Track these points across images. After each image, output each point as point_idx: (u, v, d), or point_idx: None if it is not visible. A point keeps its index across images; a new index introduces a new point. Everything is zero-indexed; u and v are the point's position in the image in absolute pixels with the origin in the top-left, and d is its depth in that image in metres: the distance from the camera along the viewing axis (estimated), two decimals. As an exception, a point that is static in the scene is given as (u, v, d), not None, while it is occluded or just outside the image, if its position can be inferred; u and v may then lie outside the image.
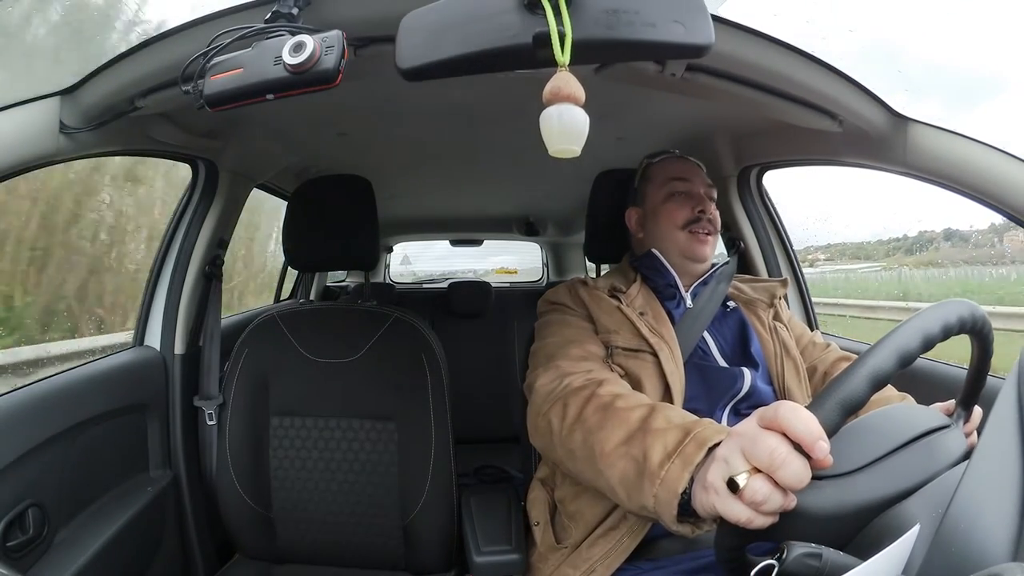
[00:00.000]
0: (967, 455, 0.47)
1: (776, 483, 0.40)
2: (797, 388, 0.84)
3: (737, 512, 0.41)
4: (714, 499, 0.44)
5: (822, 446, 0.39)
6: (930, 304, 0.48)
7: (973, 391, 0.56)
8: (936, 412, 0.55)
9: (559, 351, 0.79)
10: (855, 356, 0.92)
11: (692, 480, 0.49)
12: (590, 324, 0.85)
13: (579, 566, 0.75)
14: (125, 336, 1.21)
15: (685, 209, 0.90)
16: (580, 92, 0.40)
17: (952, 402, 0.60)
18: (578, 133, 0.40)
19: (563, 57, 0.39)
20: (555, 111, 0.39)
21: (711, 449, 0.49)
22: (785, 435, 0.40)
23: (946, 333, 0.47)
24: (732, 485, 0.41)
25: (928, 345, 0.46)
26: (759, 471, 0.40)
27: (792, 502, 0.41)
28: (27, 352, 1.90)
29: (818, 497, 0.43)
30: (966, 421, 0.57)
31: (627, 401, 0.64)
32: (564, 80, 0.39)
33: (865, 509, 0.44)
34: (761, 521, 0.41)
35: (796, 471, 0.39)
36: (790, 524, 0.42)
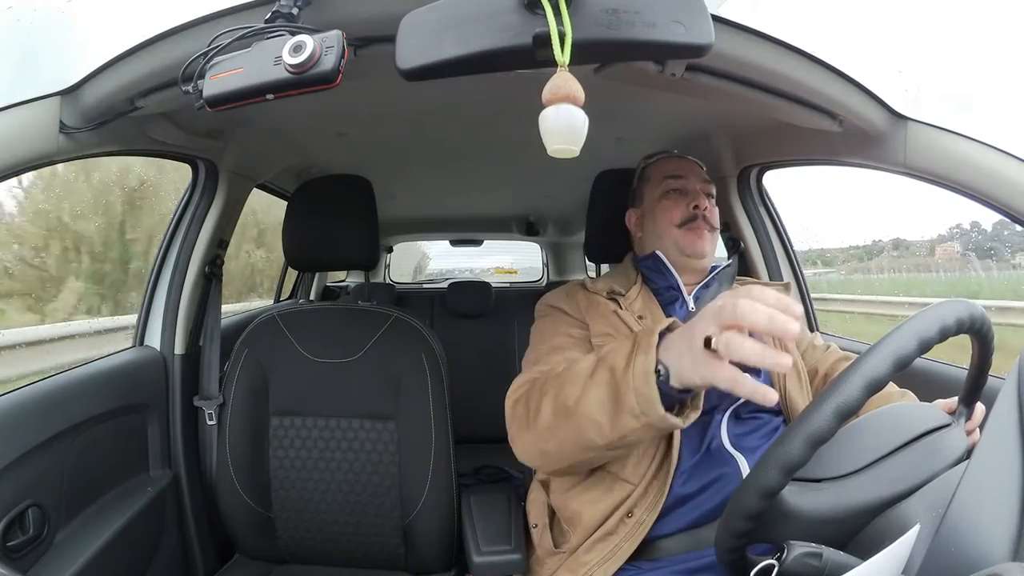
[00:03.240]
0: (968, 453, 0.47)
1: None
2: (798, 393, 0.83)
3: (720, 369, 0.44)
4: (699, 367, 0.46)
5: (796, 308, 0.44)
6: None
7: (974, 389, 0.56)
8: (937, 410, 0.55)
9: (543, 358, 0.81)
10: (855, 355, 0.92)
11: (660, 365, 0.52)
12: (582, 331, 0.85)
13: (576, 571, 0.74)
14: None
15: (680, 206, 0.90)
16: (579, 92, 0.40)
17: (955, 399, 0.60)
18: (577, 133, 0.40)
19: (563, 57, 0.39)
20: (554, 111, 0.40)
21: (662, 335, 0.54)
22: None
23: (943, 335, 0.47)
24: (708, 343, 0.44)
25: (925, 348, 0.45)
26: (730, 329, 0.43)
27: (770, 356, 0.42)
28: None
29: (817, 499, 0.43)
30: (968, 419, 0.57)
31: (577, 359, 0.68)
32: (563, 80, 0.40)
33: (865, 511, 0.44)
34: (746, 384, 0.43)
35: (765, 312, 0.42)
36: (790, 525, 0.42)
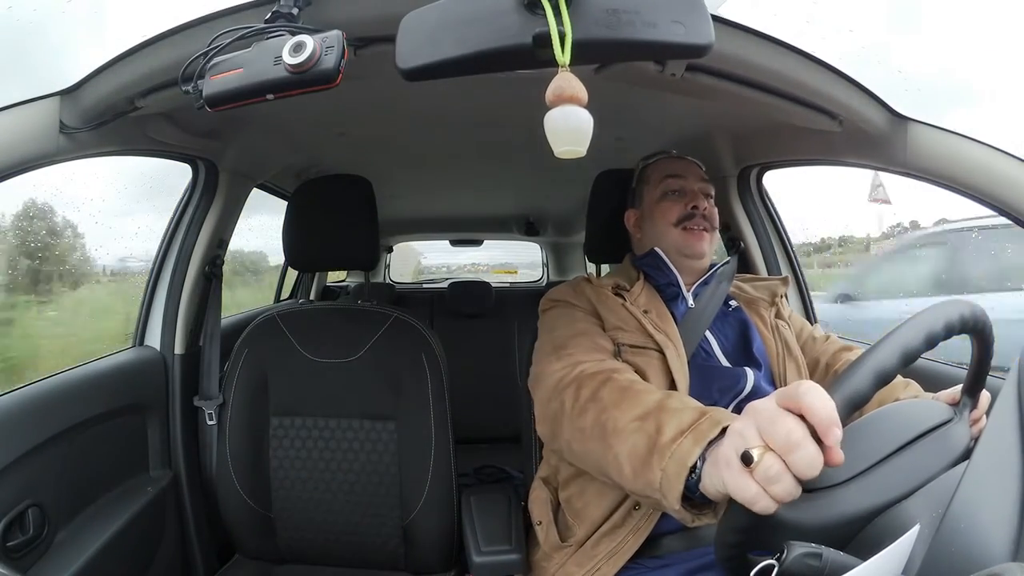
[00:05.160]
0: (971, 448, 0.47)
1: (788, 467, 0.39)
2: None
3: (745, 487, 0.40)
4: (724, 472, 0.42)
5: (836, 433, 0.38)
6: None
7: (976, 384, 0.56)
8: (936, 406, 0.55)
9: (570, 342, 0.78)
10: (855, 346, 0.92)
11: (703, 458, 0.48)
12: (597, 320, 0.85)
13: (584, 564, 0.75)
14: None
15: (679, 206, 0.90)
16: (583, 93, 0.40)
17: (958, 388, 0.59)
18: (582, 134, 0.40)
19: (563, 57, 0.39)
20: (559, 113, 0.39)
21: (724, 430, 0.48)
22: (803, 417, 0.39)
23: (948, 331, 0.47)
24: (746, 459, 0.40)
25: (931, 343, 0.45)
26: (772, 450, 0.39)
27: (798, 493, 0.39)
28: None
29: (809, 511, 0.43)
30: (973, 407, 0.57)
31: (644, 386, 0.64)
32: (566, 81, 0.39)
33: (859, 519, 0.43)
34: (766, 503, 0.39)
35: (810, 456, 0.38)
36: (783, 535, 0.41)
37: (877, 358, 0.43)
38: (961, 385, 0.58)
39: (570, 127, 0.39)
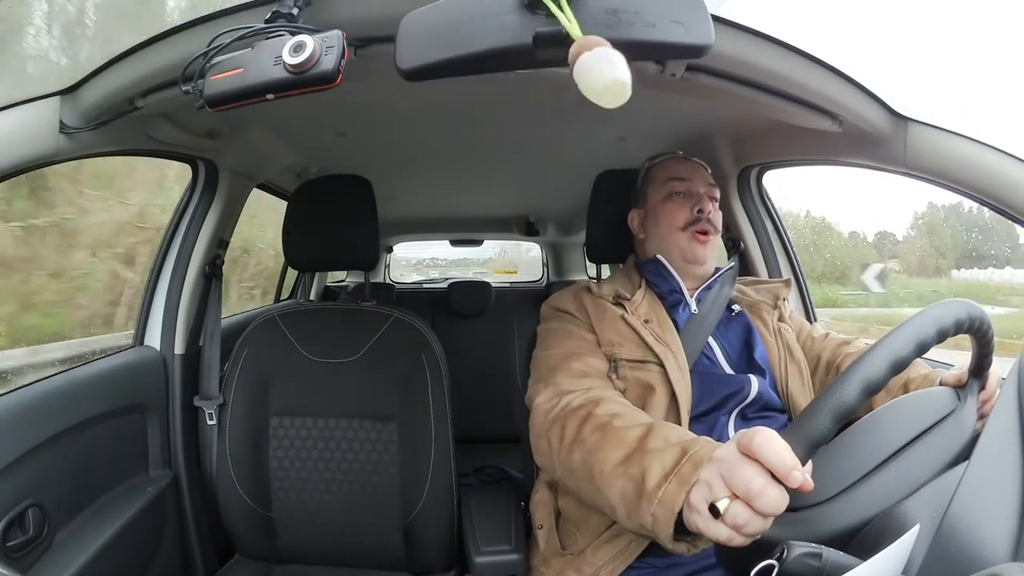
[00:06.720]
0: (979, 429, 0.46)
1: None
2: (800, 393, 0.83)
3: (717, 532, 0.43)
4: (696, 519, 0.46)
5: (796, 476, 0.40)
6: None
7: (980, 369, 0.56)
8: (939, 397, 0.54)
9: (560, 364, 0.79)
10: (853, 339, 0.92)
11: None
12: (593, 335, 0.84)
13: (584, 570, 0.75)
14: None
15: (684, 209, 0.90)
16: (606, 42, 0.38)
17: (965, 369, 0.59)
18: (622, 66, 0.37)
19: (577, 30, 0.39)
20: (590, 56, 0.37)
21: None
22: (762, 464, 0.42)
23: (920, 350, 0.46)
24: (714, 511, 0.43)
25: (898, 368, 0.45)
26: (738, 498, 0.42)
27: (768, 525, 0.42)
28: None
29: (796, 531, 0.43)
30: (981, 389, 0.57)
31: (624, 420, 0.64)
32: (586, 38, 0.38)
33: (850, 531, 0.44)
34: (741, 540, 0.43)
35: (773, 500, 0.41)
36: (772, 550, 0.42)
37: (835, 396, 0.43)
38: (966, 368, 0.58)
39: (603, 64, 0.36)
